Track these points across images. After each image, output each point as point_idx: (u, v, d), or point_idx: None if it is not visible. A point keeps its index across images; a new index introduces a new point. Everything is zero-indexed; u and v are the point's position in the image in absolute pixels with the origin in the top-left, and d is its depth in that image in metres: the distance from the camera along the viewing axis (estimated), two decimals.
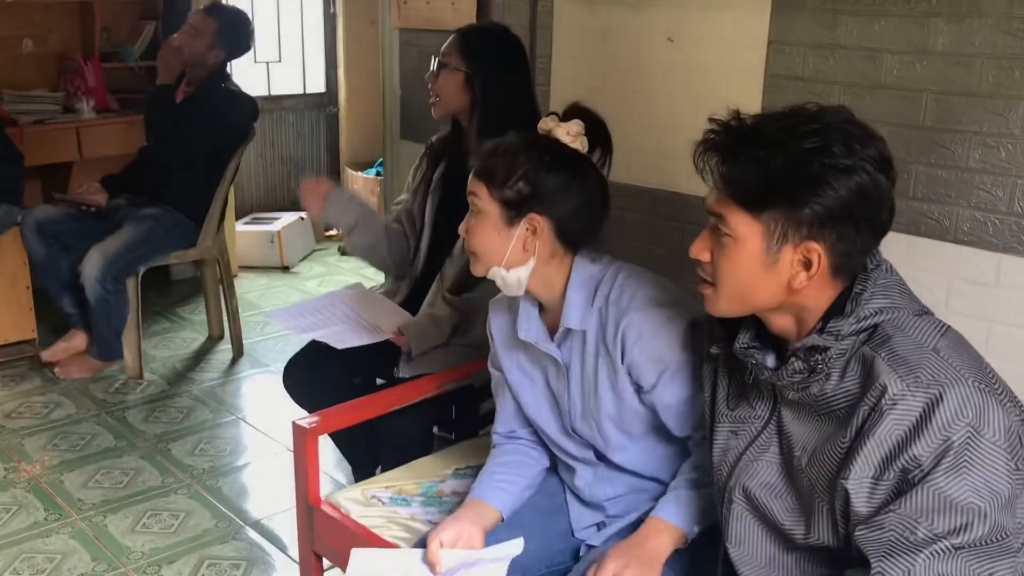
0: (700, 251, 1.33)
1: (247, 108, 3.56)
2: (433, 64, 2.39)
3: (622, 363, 1.61)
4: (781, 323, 1.32)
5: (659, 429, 1.66)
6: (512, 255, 1.63)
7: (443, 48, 2.38)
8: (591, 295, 1.64)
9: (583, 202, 1.62)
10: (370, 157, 5.48)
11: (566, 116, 1.68)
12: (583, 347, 1.66)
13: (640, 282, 1.64)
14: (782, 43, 2.51)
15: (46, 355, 3.59)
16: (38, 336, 3.73)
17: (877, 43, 2.31)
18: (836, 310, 1.26)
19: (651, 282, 1.65)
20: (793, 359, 1.27)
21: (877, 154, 1.23)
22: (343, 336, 2.32)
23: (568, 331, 1.66)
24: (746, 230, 1.26)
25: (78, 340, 3.59)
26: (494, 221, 1.63)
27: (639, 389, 1.62)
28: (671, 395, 1.60)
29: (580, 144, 1.65)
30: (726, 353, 1.39)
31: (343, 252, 5.33)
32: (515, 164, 1.61)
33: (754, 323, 1.36)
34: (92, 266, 3.31)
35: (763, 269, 1.26)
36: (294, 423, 1.97)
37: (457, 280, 2.37)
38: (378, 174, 5.25)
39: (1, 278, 3.59)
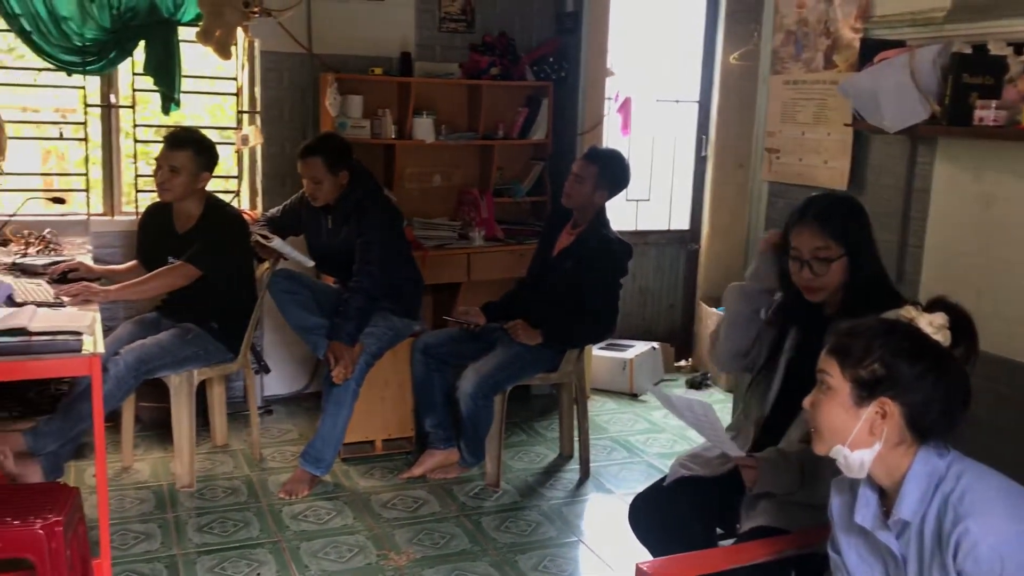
0: None
1: (624, 257, 3.85)
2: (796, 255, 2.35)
3: (953, 568, 1.53)
4: None
5: None
6: (858, 436, 1.63)
7: (805, 244, 2.30)
8: (930, 490, 1.60)
9: (939, 395, 1.60)
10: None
11: (930, 308, 1.68)
12: (920, 542, 1.61)
13: (986, 487, 1.55)
14: None
15: (405, 475, 3.98)
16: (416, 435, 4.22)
17: None
18: None
19: (999, 489, 1.56)
20: None
21: None
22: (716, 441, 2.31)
23: (906, 523, 1.62)
24: None
25: (431, 461, 3.98)
26: (842, 399, 1.64)
27: None
28: None
29: (943, 337, 1.64)
30: None
31: (690, 385, 5.43)
32: (872, 345, 1.63)
33: None
34: (467, 383, 3.72)
35: None
36: (637, 567, 2.07)
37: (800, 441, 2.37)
38: None
39: (394, 380, 4.13)
